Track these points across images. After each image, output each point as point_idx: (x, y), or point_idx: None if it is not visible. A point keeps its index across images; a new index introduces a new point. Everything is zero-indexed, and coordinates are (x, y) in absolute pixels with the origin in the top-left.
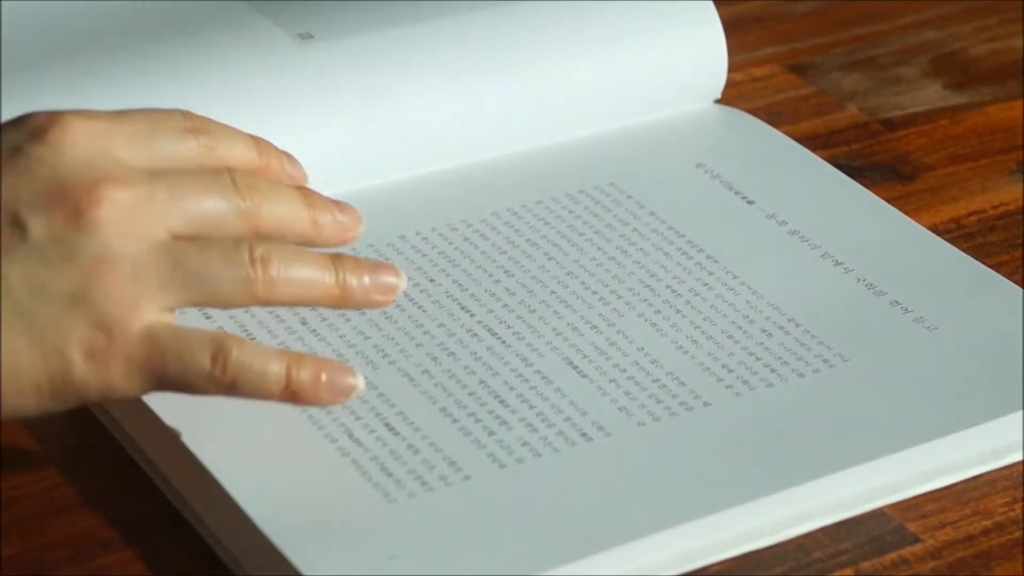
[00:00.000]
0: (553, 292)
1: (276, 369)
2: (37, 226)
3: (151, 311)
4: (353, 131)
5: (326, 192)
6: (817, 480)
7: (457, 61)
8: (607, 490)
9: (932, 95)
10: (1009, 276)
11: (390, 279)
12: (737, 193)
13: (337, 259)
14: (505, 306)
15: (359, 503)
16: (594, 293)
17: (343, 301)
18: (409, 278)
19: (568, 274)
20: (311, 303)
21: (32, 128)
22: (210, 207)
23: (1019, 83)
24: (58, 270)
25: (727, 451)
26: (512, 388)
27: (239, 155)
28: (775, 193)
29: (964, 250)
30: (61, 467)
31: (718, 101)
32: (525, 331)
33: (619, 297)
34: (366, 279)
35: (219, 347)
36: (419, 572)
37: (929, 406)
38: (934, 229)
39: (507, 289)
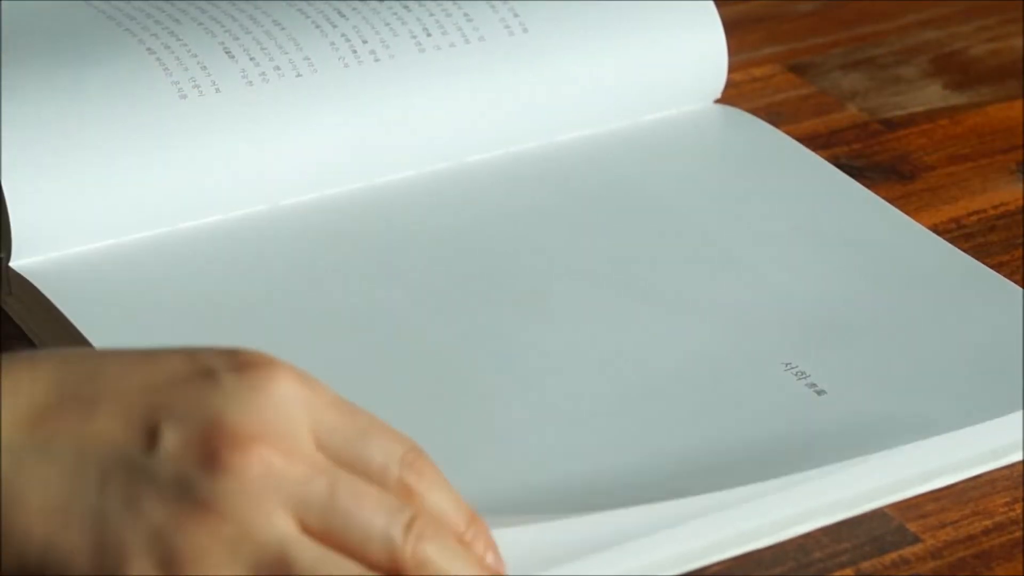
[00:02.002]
0: (553, 293)
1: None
2: (169, 443)
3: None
4: (347, 130)
5: (328, 191)
6: (817, 480)
7: (454, 60)
8: (607, 489)
9: (932, 95)
10: (1009, 276)
11: None
12: (738, 192)
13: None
14: (506, 307)
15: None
16: (596, 293)
17: None
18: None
19: (568, 274)
20: None
21: (239, 359)
22: (360, 526)
23: (1019, 83)
24: (160, 497)
25: (727, 450)
26: (510, 388)
27: (443, 509)
28: (776, 193)
29: (964, 250)
30: None
31: (718, 101)
32: (523, 329)
33: (619, 296)
34: None
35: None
36: None
37: (929, 406)
38: (934, 229)
39: (508, 290)
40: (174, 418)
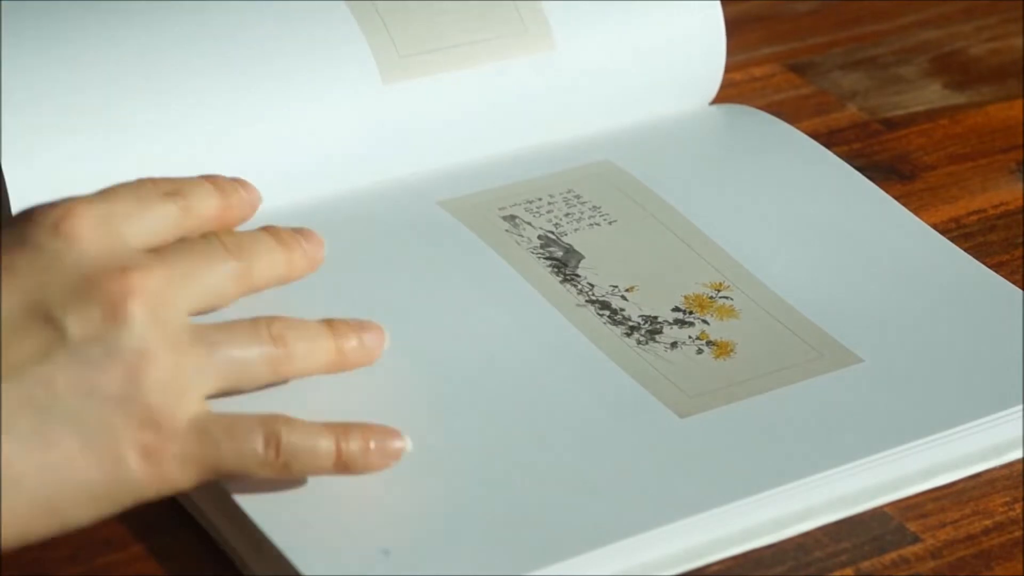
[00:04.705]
0: (555, 293)
1: (326, 444)
2: (73, 325)
3: (194, 401)
4: (346, 128)
5: (328, 190)
6: (817, 476)
7: (450, 58)
8: (605, 487)
9: (932, 95)
10: (1009, 276)
11: (376, 337)
12: (745, 186)
13: (330, 325)
14: (507, 308)
15: (359, 503)
16: (604, 292)
17: (343, 366)
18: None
19: (571, 273)
20: (319, 371)
21: (46, 222)
22: (214, 286)
23: (1019, 83)
24: (103, 370)
25: (727, 448)
26: (509, 385)
27: (209, 204)
28: (783, 186)
29: (964, 250)
30: None
31: (715, 101)
32: (524, 324)
33: (619, 297)
34: (362, 338)
35: (270, 431)
36: (417, 572)
37: (929, 405)
38: (934, 229)
39: (511, 293)
40: (55, 302)
